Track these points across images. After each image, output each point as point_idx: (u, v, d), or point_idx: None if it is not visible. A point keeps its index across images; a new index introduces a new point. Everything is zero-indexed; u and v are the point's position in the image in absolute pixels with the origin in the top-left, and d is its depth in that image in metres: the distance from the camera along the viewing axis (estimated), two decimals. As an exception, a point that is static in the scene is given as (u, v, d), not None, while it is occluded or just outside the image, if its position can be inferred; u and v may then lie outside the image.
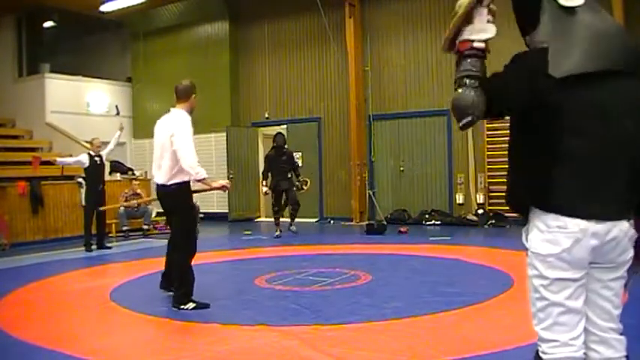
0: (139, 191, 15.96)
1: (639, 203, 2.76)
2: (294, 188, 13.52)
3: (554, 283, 2.72)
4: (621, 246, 2.72)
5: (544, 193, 2.69)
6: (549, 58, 2.68)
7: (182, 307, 6.83)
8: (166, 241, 7.78)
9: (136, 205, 15.33)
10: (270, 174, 13.53)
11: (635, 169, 2.67)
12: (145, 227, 15.49)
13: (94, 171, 12.64)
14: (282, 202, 13.74)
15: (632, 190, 2.70)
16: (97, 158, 12.78)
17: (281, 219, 13.86)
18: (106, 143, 13.45)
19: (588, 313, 2.82)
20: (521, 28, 3.19)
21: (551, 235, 2.69)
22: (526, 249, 2.87)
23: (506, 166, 3.05)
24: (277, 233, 13.57)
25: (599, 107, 2.60)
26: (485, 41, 3.26)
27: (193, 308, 6.83)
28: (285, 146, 13.89)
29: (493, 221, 14.77)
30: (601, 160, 2.62)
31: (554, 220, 2.67)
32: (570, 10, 2.72)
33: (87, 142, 13.70)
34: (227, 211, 18.64)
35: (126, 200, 15.50)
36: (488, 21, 3.26)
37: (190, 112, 7.55)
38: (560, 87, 2.59)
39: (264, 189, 13.78)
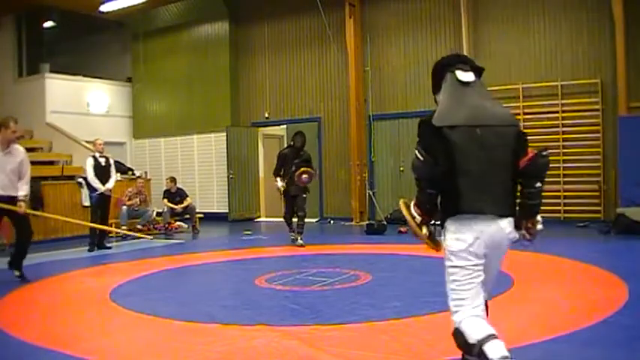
0: (143, 190, 15.99)
1: (514, 203, 4.00)
2: (304, 195, 12.21)
3: (463, 269, 3.89)
4: (504, 236, 3.90)
5: (448, 205, 3.94)
6: (435, 115, 3.97)
7: None
8: (167, 241, 7.77)
9: (137, 203, 15.42)
10: (282, 172, 12.28)
11: (507, 179, 3.90)
12: (139, 227, 15.46)
13: (100, 172, 12.62)
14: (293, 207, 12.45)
15: (509, 194, 3.93)
16: (101, 159, 12.76)
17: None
18: (107, 143, 13.41)
19: (485, 279, 3.99)
20: (433, 87, 4.32)
21: (460, 235, 3.86)
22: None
23: None
24: (293, 237, 12.37)
25: (477, 141, 3.81)
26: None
27: None
28: (304, 149, 12.41)
29: (493, 221, 14.75)
30: (481, 174, 3.81)
31: (462, 222, 3.84)
32: (462, 84, 4.03)
33: (88, 142, 13.66)
34: (227, 211, 18.64)
35: (129, 199, 15.54)
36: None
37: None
38: (450, 129, 3.82)
39: (279, 183, 12.30)
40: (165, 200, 16.08)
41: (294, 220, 12.33)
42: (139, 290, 8.51)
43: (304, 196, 12.21)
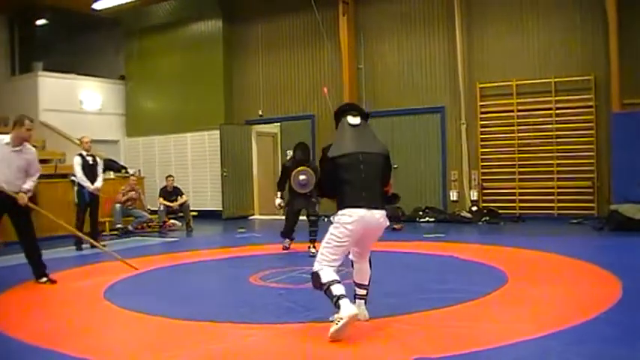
0: (136, 188, 16.00)
1: (384, 201, 5.81)
2: (313, 199, 10.96)
3: (339, 238, 5.54)
4: (379, 222, 5.63)
5: (342, 201, 5.62)
6: (330, 148, 5.77)
7: None
8: (161, 239, 7.75)
9: (132, 200, 15.49)
10: (285, 187, 11.26)
11: (378, 186, 5.72)
12: (130, 228, 15.45)
13: (88, 170, 12.56)
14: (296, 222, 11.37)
15: (380, 195, 5.73)
16: (88, 157, 12.69)
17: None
18: (96, 141, 13.34)
19: (364, 248, 5.92)
20: (336, 124, 6.04)
21: (345, 217, 5.52)
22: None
23: (501, 163, 13.29)
24: (286, 244, 11.38)
25: (358, 162, 5.62)
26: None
27: None
28: (310, 160, 11.28)
29: (487, 218, 14.80)
30: (361, 183, 5.59)
31: (347, 212, 5.52)
32: (351, 125, 5.86)
33: (78, 139, 13.62)
34: (221, 208, 18.63)
35: (123, 196, 15.55)
36: None
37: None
38: (341, 158, 5.64)
39: (278, 201, 11.42)
40: (161, 199, 16.06)
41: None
42: (134, 289, 8.50)
43: (313, 200, 10.96)
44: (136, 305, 7.01)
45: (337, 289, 5.38)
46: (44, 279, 8.69)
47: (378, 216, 5.60)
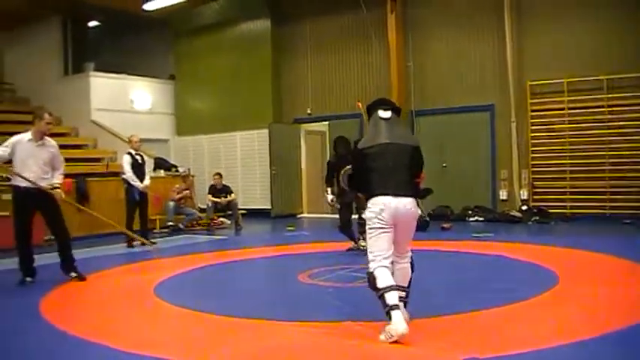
0: (185, 190, 16.24)
1: (415, 188, 5.85)
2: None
3: (376, 230, 5.55)
4: (406, 209, 5.58)
5: (369, 190, 5.70)
6: (361, 141, 6.05)
7: None
8: (210, 237, 7.80)
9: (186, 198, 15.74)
10: (334, 182, 10.98)
11: (407, 174, 5.72)
12: (181, 226, 15.62)
13: (136, 169, 12.72)
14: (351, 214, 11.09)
15: (408, 183, 5.70)
16: (137, 156, 12.86)
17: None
18: (146, 140, 13.50)
19: (399, 242, 5.68)
20: (368, 117, 6.18)
21: (372, 206, 5.59)
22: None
23: (551, 161, 12.98)
24: (355, 246, 10.87)
25: (386, 152, 5.71)
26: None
27: None
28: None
29: (537, 217, 14.60)
30: (389, 170, 5.66)
31: (373, 201, 5.60)
32: (381, 119, 5.93)
33: (127, 138, 13.80)
34: (270, 207, 18.70)
35: (178, 194, 15.76)
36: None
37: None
38: (368, 148, 5.79)
39: (330, 197, 11.01)
40: (210, 196, 16.21)
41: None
42: (183, 285, 8.61)
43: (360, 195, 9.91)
44: (185, 302, 7.08)
45: (391, 299, 5.33)
46: (73, 274, 8.75)
47: (406, 202, 5.59)
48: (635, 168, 14.12)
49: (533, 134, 15.32)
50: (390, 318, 5.24)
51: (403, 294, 5.70)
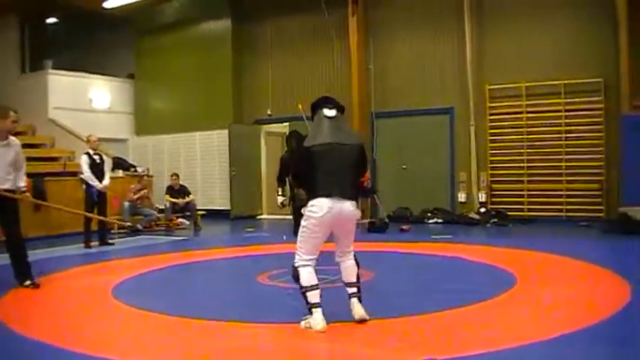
0: (143, 189, 16.09)
1: (356, 192, 5.97)
2: None
3: (310, 230, 5.76)
4: (349, 212, 5.77)
5: (313, 190, 5.77)
6: (306, 139, 6.05)
7: None
8: (168, 238, 7.74)
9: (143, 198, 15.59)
10: (287, 180, 10.86)
11: (352, 176, 5.88)
12: (139, 227, 15.46)
13: (94, 169, 12.58)
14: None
15: (351, 186, 5.84)
16: (95, 156, 12.72)
17: None
18: (105, 140, 13.34)
19: (341, 242, 5.99)
20: (312, 117, 6.29)
21: (315, 208, 5.68)
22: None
23: (510, 164, 14.31)
24: None
25: (331, 151, 5.76)
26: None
27: None
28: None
29: (495, 220, 14.76)
30: (334, 172, 5.73)
31: (316, 203, 5.67)
32: (327, 117, 5.99)
33: (85, 137, 13.65)
34: (229, 208, 18.64)
35: (134, 194, 15.63)
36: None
37: None
38: (314, 147, 5.80)
39: (280, 199, 10.84)
40: (167, 196, 16.12)
41: None
42: (142, 287, 8.53)
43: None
44: (143, 303, 7.02)
45: (313, 297, 5.69)
46: (28, 282, 8.16)
47: (348, 205, 5.76)
48: (590, 171, 14.35)
49: (491, 137, 15.48)
50: (311, 313, 5.64)
51: (354, 289, 5.96)
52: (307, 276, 5.76)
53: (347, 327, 5.67)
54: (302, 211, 5.87)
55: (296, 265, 5.85)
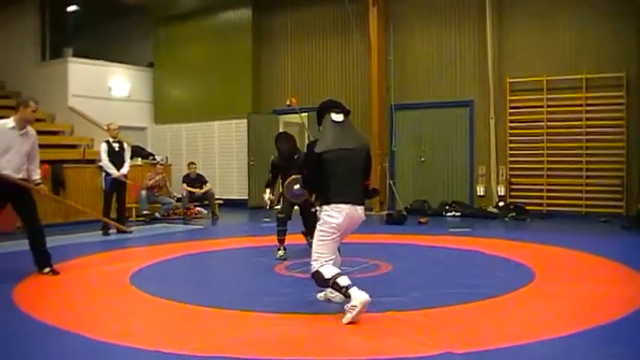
0: (163, 175, 16.11)
1: (365, 196, 6.20)
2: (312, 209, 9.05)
3: (329, 234, 5.95)
4: (360, 217, 6.06)
5: (327, 196, 5.98)
6: (316, 144, 6.09)
7: None
8: (186, 226, 7.73)
9: (160, 186, 15.67)
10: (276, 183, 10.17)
11: (361, 181, 6.13)
12: (158, 215, 15.53)
13: (114, 157, 12.63)
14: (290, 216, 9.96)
15: (362, 190, 6.14)
16: (115, 144, 12.75)
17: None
18: (123, 128, 13.39)
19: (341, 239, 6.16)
20: (318, 120, 6.37)
21: (334, 213, 5.91)
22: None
23: (529, 158, 14.87)
24: (281, 253, 9.59)
25: (342, 158, 5.97)
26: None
27: None
28: (297, 150, 9.76)
29: (514, 214, 14.66)
30: (346, 178, 5.96)
31: (335, 208, 5.90)
32: (335, 122, 6.18)
33: (105, 126, 13.70)
34: (247, 197, 18.65)
35: (149, 180, 15.67)
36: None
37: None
38: (325, 153, 5.95)
39: (267, 195, 9.97)
40: (185, 185, 16.16)
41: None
42: (159, 275, 8.55)
43: (313, 210, 8.89)
44: (161, 291, 7.04)
45: (343, 280, 5.76)
46: (47, 269, 8.26)
47: (360, 211, 6.08)
48: (611, 167, 14.24)
49: (511, 131, 15.38)
50: (349, 297, 5.65)
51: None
52: (329, 269, 5.88)
53: (365, 318, 5.64)
54: (318, 214, 6.13)
55: (315, 269, 5.99)
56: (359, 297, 5.54)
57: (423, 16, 16.68)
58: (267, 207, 10.40)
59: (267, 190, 9.98)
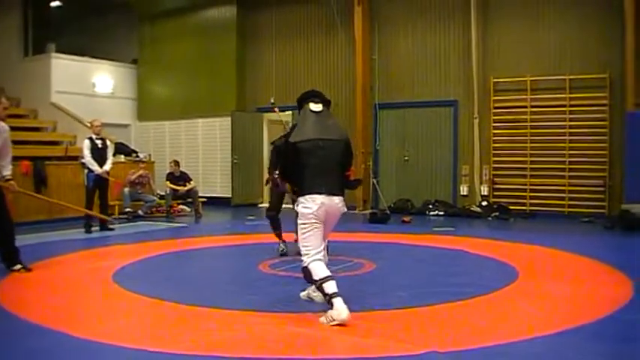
0: (144, 173, 15.99)
1: (343, 187, 6.05)
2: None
3: (309, 226, 5.84)
4: (337, 208, 5.94)
5: (302, 186, 5.89)
6: (292, 133, 6.03)
7: None
8: (169, 224, 7.71)
9: (142, 182, 15.57)
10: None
11: (338, 172, 5.98)
12: (140, 213, 15.44)
13: (96, 154, 12.56)
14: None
15: (339, 182, 5.97)
16: (98, 141, 12.68)
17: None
18: (107, 125, 13.29)
19: (324, 234, 5.99)
20: (298, 110, 6.30)
21: (308, 204, 5.80)
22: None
23: (512, 158, 14.52)
24: (282, 247, 9.70)
25: (318, 147, 5.85)
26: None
27: None
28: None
29: (497, 213, 14.72)
30: (321, 168, 5.85)
31: (309, 199, 5.80)
32: (313, 112, 6.08)
33: (88, 122, 13.62)
34: (230, 195, 18.61)
35: (132, 175, 15.58)
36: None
37: None
38: (302, 143, 5.85)
39: (276, 175, 8.44)
40: (168, 182, 16.10)
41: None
42: (142, 273, 8.51)
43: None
44: (144, 289, 7.01)
45: (330, 287, 5.63)
46: (19, 266, 8.14)
47: (337, 201, 5.93)
48: (594, 167, 14.32)
49: (495, 131, 15.43)
50: (332, 305, 5.51)
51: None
52: (320, 269, 5.76)
53: (350, 317, 5.64)
54: (295, 207, 5.99)
55: (305, 264, 5.86)
56: (340, 313, 5.44)
57: (408, 16, 16.69)
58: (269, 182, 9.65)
59: (276, 172, 9.37)
